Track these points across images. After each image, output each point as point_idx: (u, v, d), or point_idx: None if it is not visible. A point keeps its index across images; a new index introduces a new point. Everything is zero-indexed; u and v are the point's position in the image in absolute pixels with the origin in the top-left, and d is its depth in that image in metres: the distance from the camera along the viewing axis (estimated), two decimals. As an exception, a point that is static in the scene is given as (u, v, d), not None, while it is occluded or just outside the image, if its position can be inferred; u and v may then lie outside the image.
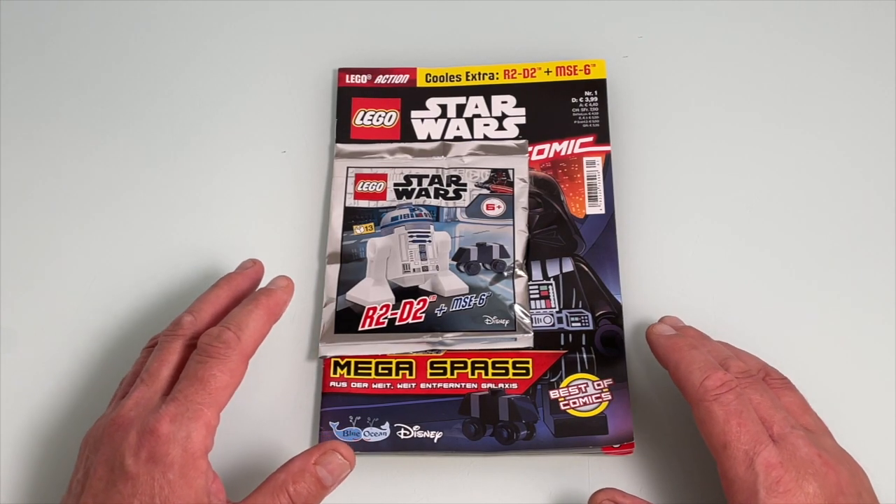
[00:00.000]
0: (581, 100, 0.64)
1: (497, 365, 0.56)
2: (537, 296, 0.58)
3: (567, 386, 0.55)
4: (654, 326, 0.53)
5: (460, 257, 0.59)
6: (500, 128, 0.64)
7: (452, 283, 0.58)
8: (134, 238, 0.62)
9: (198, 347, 0.48)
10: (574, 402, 0.55)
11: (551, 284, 0.59)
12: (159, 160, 0.65)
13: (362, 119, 0.64)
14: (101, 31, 0.70)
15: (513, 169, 0.62)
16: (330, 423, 0.55)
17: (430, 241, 0.60)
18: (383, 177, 0.62)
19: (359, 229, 0.60)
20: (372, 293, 0.58)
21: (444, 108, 0.65)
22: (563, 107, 0.64)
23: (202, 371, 0.47)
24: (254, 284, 0.56)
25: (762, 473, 0.45)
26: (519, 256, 0.59)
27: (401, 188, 0.62)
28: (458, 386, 0.56)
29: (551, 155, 0.63)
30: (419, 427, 0.54)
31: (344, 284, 0.58)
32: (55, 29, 0.70)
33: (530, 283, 0.59)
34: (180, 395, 0.46)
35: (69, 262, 0.61)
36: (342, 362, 0.56)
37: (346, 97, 0.65)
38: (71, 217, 0.63)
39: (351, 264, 0.59)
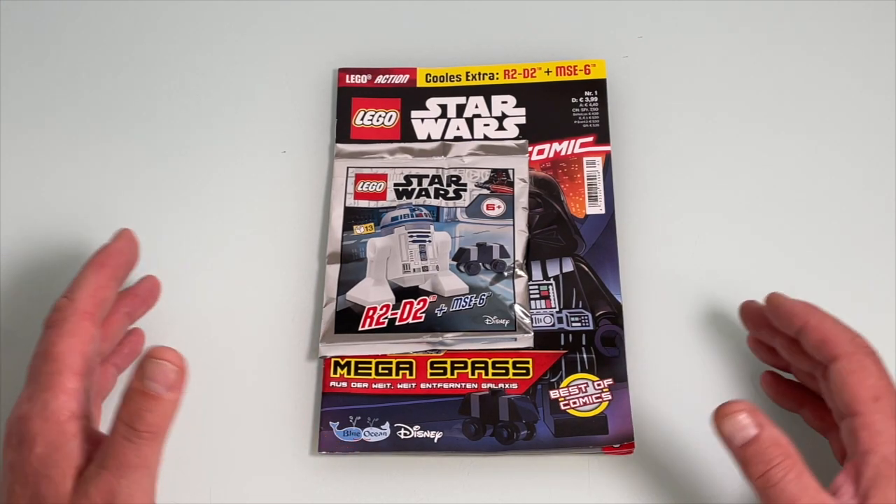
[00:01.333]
0: (581, 100, 0.64)
1: (497, 365, 0.56)
2: (537, 296, 0.58)
3: (567, 386, 0.55)
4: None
5: (460, 257, 0.59)
6: (500, 128, 0.64)
7: (452, 283, 0.58)
8: (134, 238, 0.62)
9: (45, 320, 0.48)
10: (574, 402, 0.55)
11: (551, 284, 0.59)
12: (159, 160, 0.65)
13: (362, 119, 0.64)
14: (100, 32, 0.70)
15: (513, 169, 0.62)
16: (330, 423, 0.55)
17: (430, 241, 0.60)
18: (383, 177, 0.62)
19: (359, 229, 0.60)
20: (372, 293, 0.58)
21: (444, 108, 0.65)
22: (563, 107, 0.64)
23: (44, 344, 0.47)
24: (124, 252, 0.53)
25: None
26: (519, 256, 0.59)
27: (401, 188, 0.62)
28: (459, 386, 0.56)
29: (551, 155, 0.63)
30: (419, 427, 0.54)
31: (344, 284, 0.58)
32: (55, 29, 0.70)
33: (530, 283, 0.59)
34: (32, 373, 0.46)
35: (69, 262, 0.61)
36: (342, 362, 0.56)
37: (346, 97, 0.65)
38: (71, 217, 0.63)
39: (351, 264, 0.59)
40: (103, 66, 0.69)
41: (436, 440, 0.54)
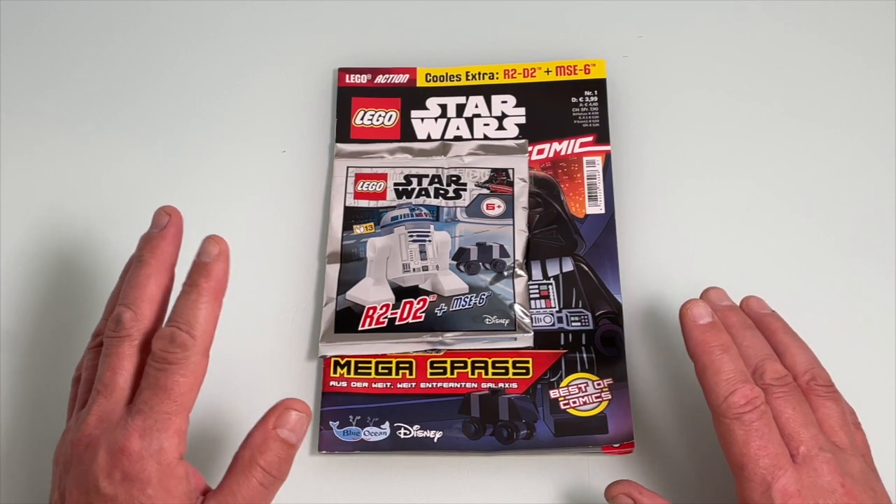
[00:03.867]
0: (581, 99, 0.64)
1: (497, 364, 0.56)
2: (537, 295, 0.58)
3: (567, 385, 0.55)
4: (690, 308, 0.49)
5: (460, 257, 0.59)
6: (500, 127, 0.64)
7: (452, 283, 0.58)
8: (134, 238, 0.62)
9: (153, 354, 0.45)
10: (574, 402, 0.55)
11: (551, 284, 0.59)
12: (159, 160, 0.65)
13: (362, 119, 0.65)
14: (100, 32, 0.70)
15: (513, 169, 0.62)
16: (330, 422, 0.55)
17: (430, 241, 0.60)
18: (383, 176, 0.62)
19: (359, 229, 0.60)
20: (372, 293, 0.58)
21: (444, 107, 0.65)
22: (562, 106, 0.64)
23: (164, 379, 0.44)
24: (179, 245, 0.51)
25: (778, 501, 0.43)
26: (519, 256, 0.59)
27: (401, 188, 0.62)
28: (458, 385, 0.56)
29: (551, 155, 0.63)
30: (419, 426, 0.54)
31: (344, 284, 0.58)
32: (54, 29, 0.70)
33: (530, 282, 0.59)
34: (146, 407, 0.44)
35: (69, 262, 0.61)
36: (342, 362, 0.56)
37: (346, 97, 0.65)
38: (72, 217, 0.63)
39: (351, 264, 0.59)
40: (103, 65, 0.69)
41: (435, 440, 0.54)
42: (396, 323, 0.57)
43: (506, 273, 0.58)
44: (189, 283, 0.48)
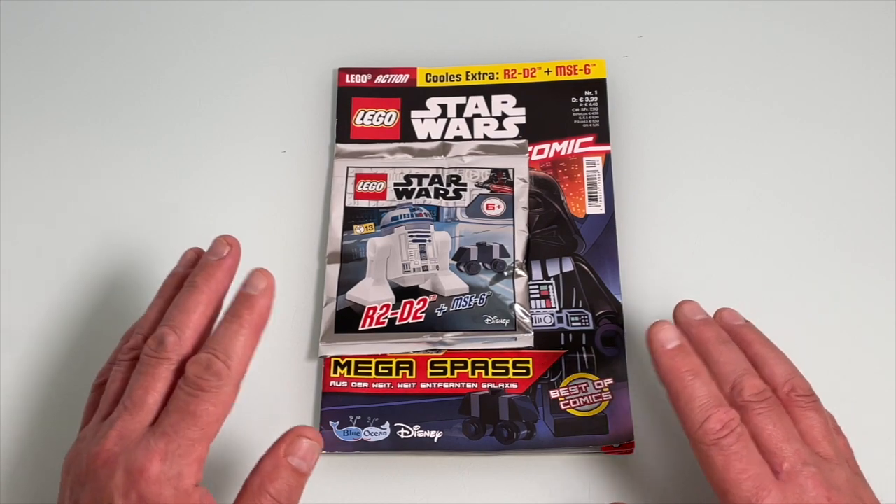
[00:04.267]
0: (581, 99, 0.64)
1: (497, 364, 0.56)
2: (537, 295, 0.58)
3: (567, 385, 0.55)
4: (656, 332, 0.48)
5: (460, 257, 0.59)
6: (500, 127, 0.64)
7: (452, 283, 0.58)
8: (134, 239, 0.62)
9: (186, 378, 0.45)
10: (574, 402, 0.55)
11: (551, 284, 0.59)
12: (159, 160, 0.65)
13: (362, 119, 0.65)
14: (100, 32, 0.70)
15: (513, 169, 0.62)
16: (330, 422, 0.55)
17: (430, 241, 0.60)
18: (383, 176, 0.62)
19: (359, 229, 0.60)
20: (372, 293, 0.58)
21: (444, 107, 0.65)
22: (562, 106, 0.64)
23: (194, 405, 0.44)
24: (233, 277, 0.50)
25: None
26: (519, 256, 0.59)
27: (401, 188, 0.62)
28: (459, 385, 0.56)
29: (551, 155, 0.63)
30: (419, 427, 0.54)
31: (344, 284, 0.58)
32: (54, 29, 0.70)
33: (530, 282, 0.59)
34: (171, 430, 0.44)
35: (70, 262, 0.61)
36: (342, 362, 0.57)
37: (346, 97, 0.65)
38: (72, 217, 0.63)
39: (351, 264, 0.59)
40: (102, 65, 0.69)
41: (436, 440, 0.54)
42: (396, 323, 0.57)
43: (506, 273, 0.58)
44: (232, 314, 0.47)
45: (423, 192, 0.61)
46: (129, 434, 0.44)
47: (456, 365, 0.56)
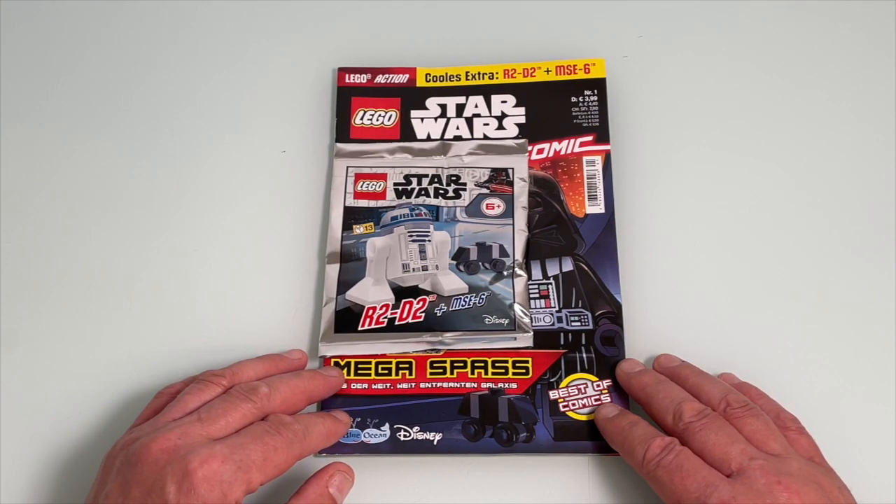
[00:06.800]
0: (581, 99, 0.64)
1: (497, 364, 0.56)
2: (537, 295, 0.58)
3: (567, 386, 0.55)
4: (598, 411, 0.54)
5: (460, 257, 0.59)
6: (500, 127, 0.64)
7: (452, 283, 0.58)
8: (133, 239, 0.62)
9: (270, 420, 0.49)
10: (573, 404, 0.55)
11: (551, 284, 0.59)
12: (159, 160, 0.65)
13: (362, 119, 0.64)
14: (100, 32, 0.70)
15: (512, 168, 0.62)
16: (330, 423, 0.55)
17: (429, 241, 0.60)
18: (383, 176, 0.62)
19: (358, 229, 0.60)
20: (372, 293, 0.58)
21: (443, 107, 0.65)
22: (562, 106, 0.64)
23: (267, 437, 0.47)
24: (329, 395, 0.56)
25: None
26: (519, 256, 0.59)
27: (400, 188, 0.62)
28: (458, 385, 0.56)
29: (551, 154, 0.63)
30: (419, 428, 0.54)
31: (344, 284, 0.58)
32: (54, 29, 0.70)
33: (530, 282, 0.59)
34: (238, 444, 0.46)
35: (69, 262, 0.61)
36: (342, 362, 0.57)
37: (346, 97, 0.65)
38: (71, 217, 0.63)
39: (351, 264, 0.59)
40: (103, 64, 0.69)
41: (435, 442, 0.54)
42: (396, 323, 0.57)
43: (505, 273, 0.58)
44: (325, 416, 0.53)
45: (423, 192, 0.61)
46: (192, 436, 0.46)
47: (455, 365, 0.56)
